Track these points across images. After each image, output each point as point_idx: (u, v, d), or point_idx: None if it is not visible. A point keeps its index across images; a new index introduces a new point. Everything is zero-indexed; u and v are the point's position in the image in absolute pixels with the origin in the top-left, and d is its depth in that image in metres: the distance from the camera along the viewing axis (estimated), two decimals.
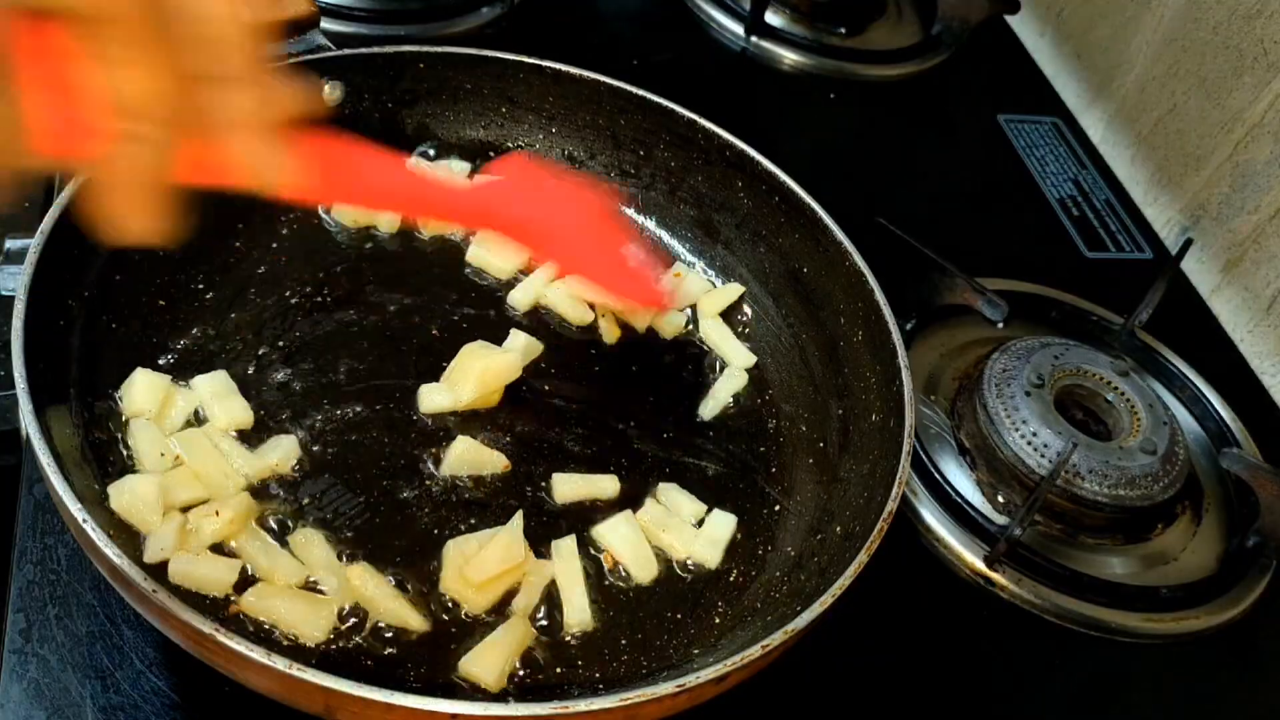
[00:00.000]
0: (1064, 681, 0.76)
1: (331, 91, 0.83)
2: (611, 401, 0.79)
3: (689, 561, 0.71)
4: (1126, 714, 0.76)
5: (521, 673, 0.63)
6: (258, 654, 0.51)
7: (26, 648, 0.61)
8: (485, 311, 0.82)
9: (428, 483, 0.71)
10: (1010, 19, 1.37)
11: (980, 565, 0.80)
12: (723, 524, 0.73)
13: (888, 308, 0.76)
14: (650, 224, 0.91)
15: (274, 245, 0.81)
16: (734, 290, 0.86)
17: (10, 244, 0.87)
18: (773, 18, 1.24)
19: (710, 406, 0.80)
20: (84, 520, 0.54)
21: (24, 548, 0.66)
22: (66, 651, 0.62)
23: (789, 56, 1.21)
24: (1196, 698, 0.78)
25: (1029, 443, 0.82)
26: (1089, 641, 0.78)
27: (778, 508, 0.76)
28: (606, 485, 0.73)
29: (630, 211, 0.91)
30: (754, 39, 1.22)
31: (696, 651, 0.66)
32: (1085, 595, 0.79)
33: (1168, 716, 0.77)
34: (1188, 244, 1.10)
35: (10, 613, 0.63)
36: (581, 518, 0.72)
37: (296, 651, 0.61)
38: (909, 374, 0.72)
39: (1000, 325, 0.90)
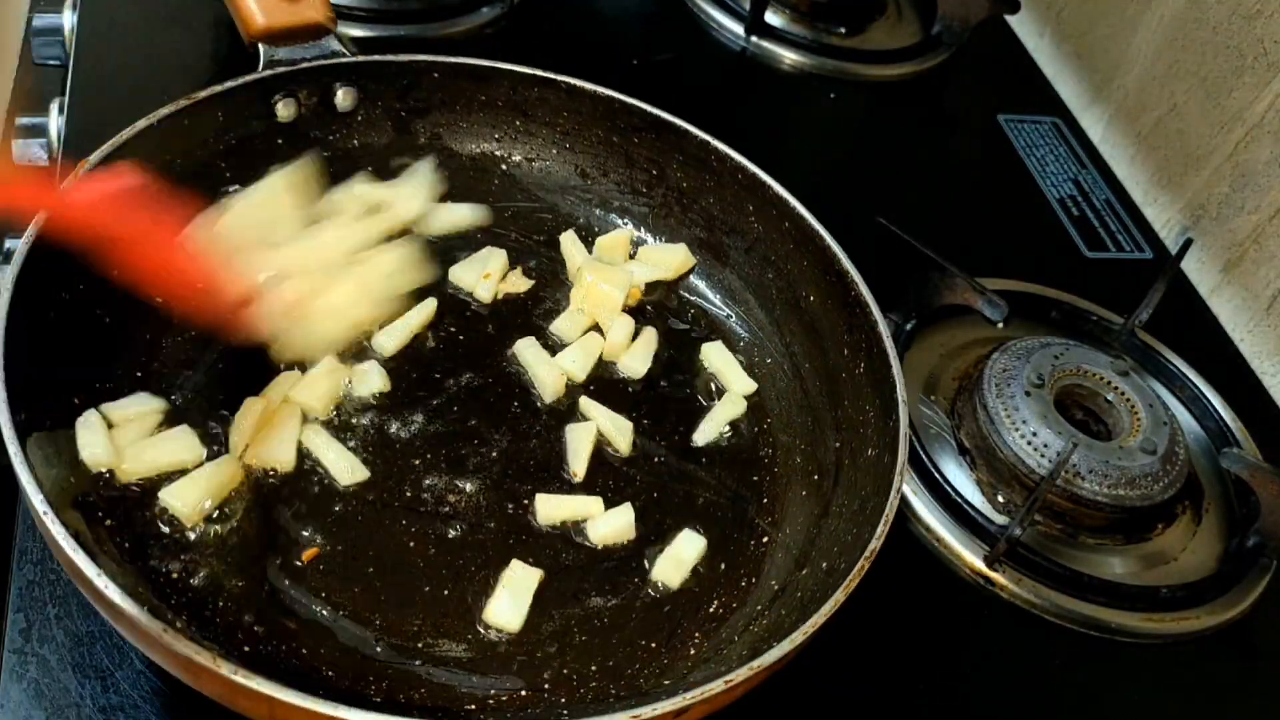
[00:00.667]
0: (1064, 681, 0.76)
1: (344, 98, 0.83)
2: None
3: (658, 582, 0.70)
4: (1126, 714, 0.76)
5: (490, 694, 0.63)
6: (204, 658, 0.50)
7: (26, 647, 0.61)
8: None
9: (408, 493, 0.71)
10: (1010, 19, 1.37)
11: (980, 565, 0.80)
12: (690, 545, 0.72)
13: (890, 341, 0.75)
14: (659, 244, 0.90)
15: None
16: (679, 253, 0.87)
17: (10, 244, 0.88)
18: (773, 17, 1.24)
19: (706, 432, 0.79)
20: (45, 513, 0.54)
21: (24, 547, 0.66)
22: (66, 651, 0.62)
23: (789, 56, 1.21)
24: (1196, 698, 0.78)
25: (1029, 442, 0.82)
26: (1089, 641, 0.78)
27: (765, 539, 0.75)
28: (590, 507, 0.73)
29: (640, 231, 0.90)
30: (754, 39, 1.21)
31: (667, 682, 0.65)
32: (1085, 595, 0.79)
33: (1168, 716, 0.77)
34: (1188, 244, 1.10)
35: (10, 612, 0.63)
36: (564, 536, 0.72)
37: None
38: (906, 409, 0.71)
39: (1000, 325, 0.90)
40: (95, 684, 0.61)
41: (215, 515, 0.66)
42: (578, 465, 0.74)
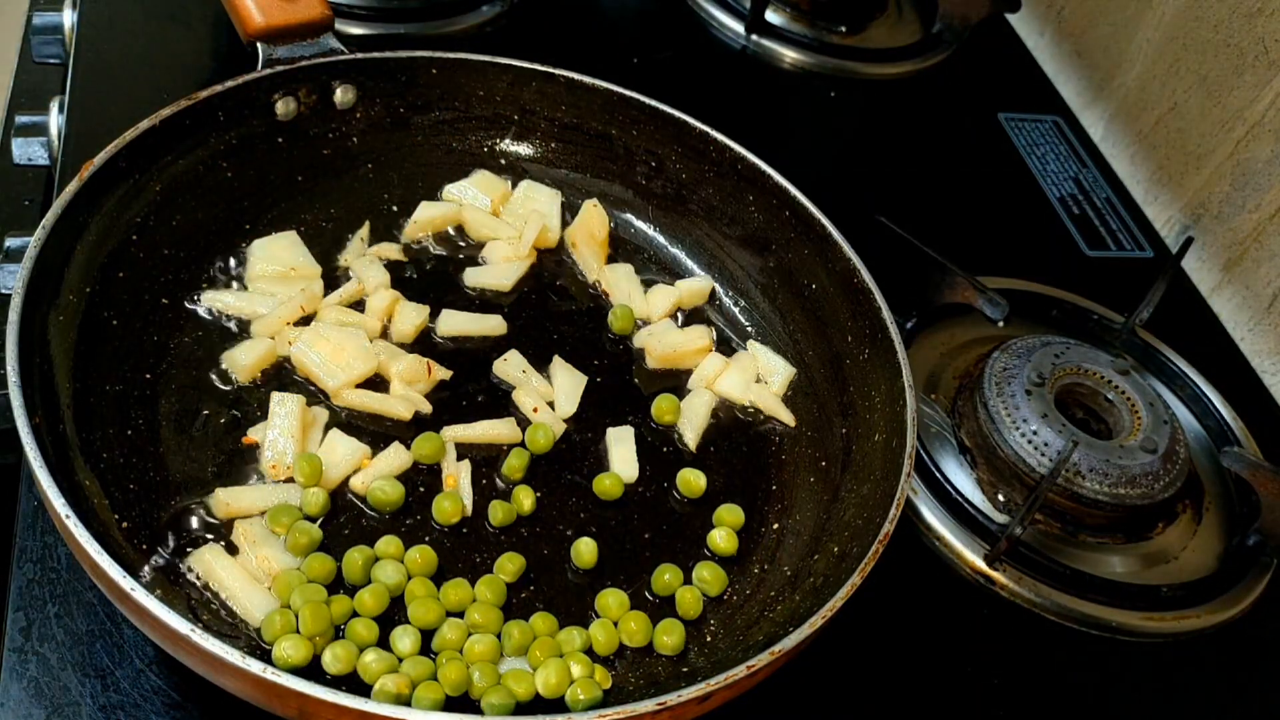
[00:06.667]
0: (1064, 681, 0.76)
1: (344, 95, 0.83)
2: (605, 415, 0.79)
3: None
4: (1126, 714, 0.76)
5: None
6: (233, 656, 0.50)
7: (26, 646, 0.61)
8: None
9: None
10: (1011, 17, 1.37)
11: (980, 564, 0.80)
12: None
13: (894, 327, 0.75)
14: (660, 237, 0.90)
15: None
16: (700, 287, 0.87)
17: (10, 242, 0.87)
18: (773, 16, 1.24)
19: (690, 435, 0.79)
20: (67, 516, 0.54)
21: (24, 546, 0.66)
22: (66, 650, 0.62)
23: (789, 55, 1.21)
24: (1196, 698, 0.78)
25: (1029, 441, 0.82)
26: (1089, 641, 0.78)
27: (776, 526, 0.75)
28: (493, 324, 0.79)
29: (640, 223, 0.90)
30: (754, 37, 1.21)
31: (685, 670, 0.66)
32: (1085, 594, 0.79)
33: (1168, 716, 0.77)
34: (1188, 242, 1.09)
35: (10, 611, 0.63)
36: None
37: None
38: (913, 395, 0.71)
39: (1001, 324, 0.90)
40: (95, 683, 0.61)
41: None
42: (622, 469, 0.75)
